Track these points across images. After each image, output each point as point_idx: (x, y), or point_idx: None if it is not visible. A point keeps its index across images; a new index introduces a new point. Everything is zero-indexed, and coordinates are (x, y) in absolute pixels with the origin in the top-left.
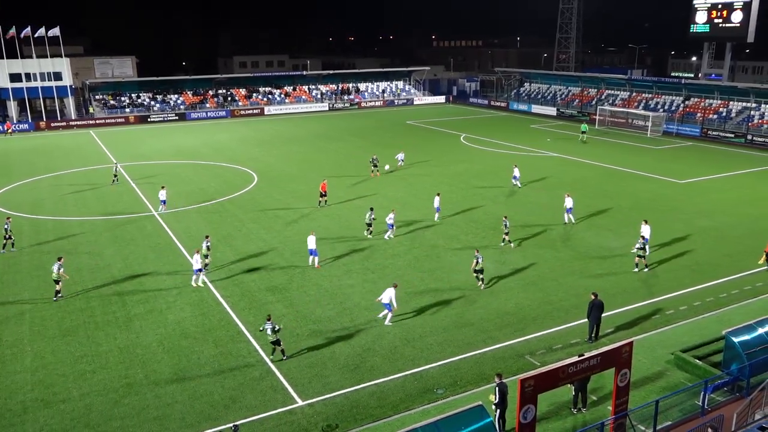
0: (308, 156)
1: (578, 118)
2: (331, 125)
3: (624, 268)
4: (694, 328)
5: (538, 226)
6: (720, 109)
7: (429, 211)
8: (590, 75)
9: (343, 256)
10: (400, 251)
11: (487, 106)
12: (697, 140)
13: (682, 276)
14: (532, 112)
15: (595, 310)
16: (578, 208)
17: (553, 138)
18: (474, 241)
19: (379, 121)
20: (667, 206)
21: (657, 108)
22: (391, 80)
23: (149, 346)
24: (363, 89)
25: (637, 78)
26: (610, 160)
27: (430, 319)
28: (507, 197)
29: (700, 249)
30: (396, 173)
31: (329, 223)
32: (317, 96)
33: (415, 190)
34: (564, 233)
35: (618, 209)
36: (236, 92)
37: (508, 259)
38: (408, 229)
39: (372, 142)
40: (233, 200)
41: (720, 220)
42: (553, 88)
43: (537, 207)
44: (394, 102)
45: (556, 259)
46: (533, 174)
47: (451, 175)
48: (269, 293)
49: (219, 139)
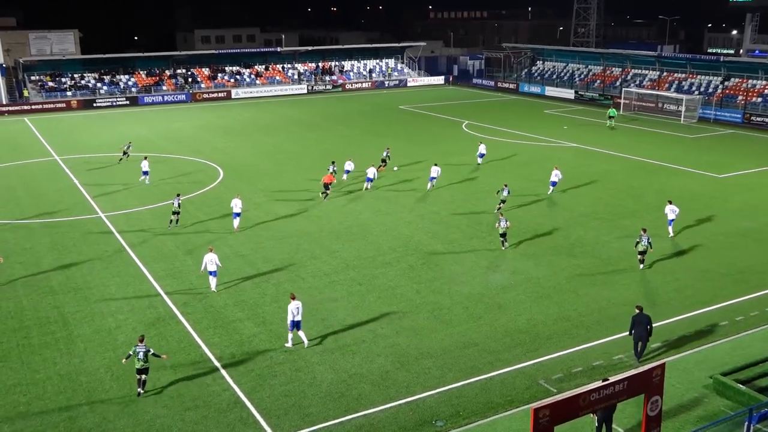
0: (283, 147)
1: (600, 101)
2: (310, 111)
3: (653, 278)
4: (736, 347)
5: (554, 229)
6: (765, 90)
7: (424, 210)
8: (614, 52)
9: (325, 265)
10: (391, 259)
11: (493, 89)
12: (738, 127)
13: (722, 286)
14: (546, 95)
15: (638, 327)
16: (599, 207)
17: (570, 125)
18: (479, 246)
19: (367, 105)
20: (703, 204)
21: (691, 90)
22: (381, 58)
23: (95, 372)
24: (348, 68)
25: (669, 55)
26: (637, 151)
27: (428, 339)
28: (514, 193)
29: (742, 254)
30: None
31: (309, 226)
32: (294, 76)
33: (406, 188)
34: (581, 237)
35: (646, 208)
36: (198, 72)
37: (517, 267)
38: (401, 232)
39: (359, 130)
40: (195, 200)
41: (763, 219)
42: (570, 66)
43: (552, 206)
44: (385, 83)
45: (574, 266)
46: (547, 168)
47: (452, 169)
48: (237, 309)
49: (178, 127)
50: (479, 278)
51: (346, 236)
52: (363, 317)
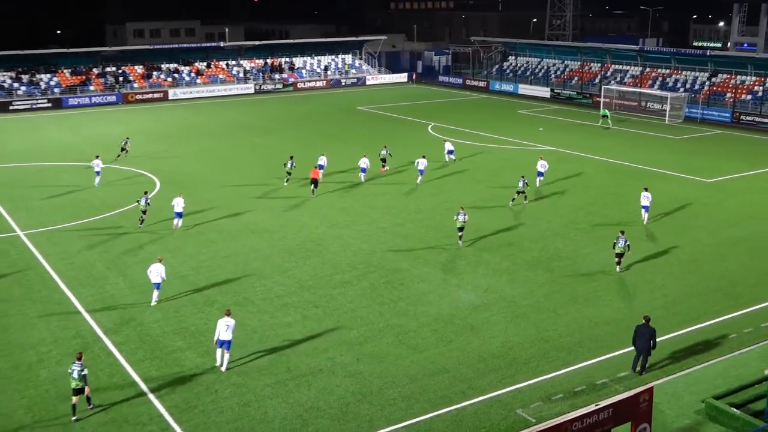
0: (227, 154)
1: (578, 100)
2: (257, 113)
3: (639, 293)
4: (730, 367)
5: (529, 241)
6: (755, 87)
7: (386, 222)
8: (592, 46)
9: (277, 285)
10: (351, 278)
11: (461, 87)
12: (727, 127)
13: (712, 301)
14: (519, 94)
15: (640, 339)
16: (579, 216)
17: (546, 127)
18: (448, 262)
19: (322, 106)
20: (691, 212)
21: (676, 87)
22: (337, 53)
23: (13, 414)
24: (300, 65)
25: (651, 49)
26: (619, 154)
27: (393, 367)
28: (486, 202)
29: (733, 266)
30: (343, 177)
31: (257, 242)
32: (239, 75)
33: (366, 198)
34: (560, 250)
35: (630, 216)
36: (130, 70)
37: (490, 285)
38: (361, 248)
39: (313, 134)
40: (127, 214)
41: (756, 228)
42: (545, 62)
43: (527, 216)
44: (341, 82)
45: (552, 282)
46: (521, 173)
47: (416, 177)
48: (177, 337)
49: (107, 132)
50: (449, 297)
51: (300, 253)
52: (320, 344)
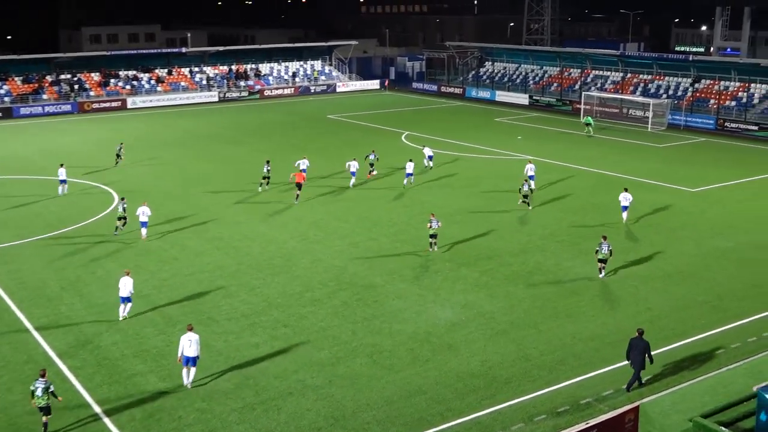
0: (190, 166)
1: (558, 107)
2: (222, 122)
3: (624, 308)
4: (717, 384)
5: (509, 254)
6: (739, 93)
7: (359, 236)
8: (572, 51)
9: (244, 304)
10: (322, 295)
11: (436, 94)
12: (711, 135)
13: (699, 315)
14: (497, 101)
15: (633, 352)
16: (560, 228)
17: (525, 135)
18: (425, 277)
19: (290, 115)
20: (676, 222)
21: (659, 93)
22: (306, 59)
23: None
24: (266, 72)
25: (633, 54)
26: (600, 163)
27: (367, 389)
28: (464, 214)
29: (719, 278)
30: (317, 189)
31: (223, 259)
32: (202, 82)
33: (339, 211)
34: (540, 264)
35: (614, 228)
36: (86, 78)
37: (468, 301)
38: (333, 263)
39: (280, 144)
40: (84, 230)
41: (743, 239)
42: (523, 68)
43: (506, 229)
44: (310, 89)
45: (533, 297)
46: (500, 184)
47: (390, 188)
48: (138, 361)
49: (62, 143)
50: (425, 314)
51: (268, 269)
52: (289, 365)
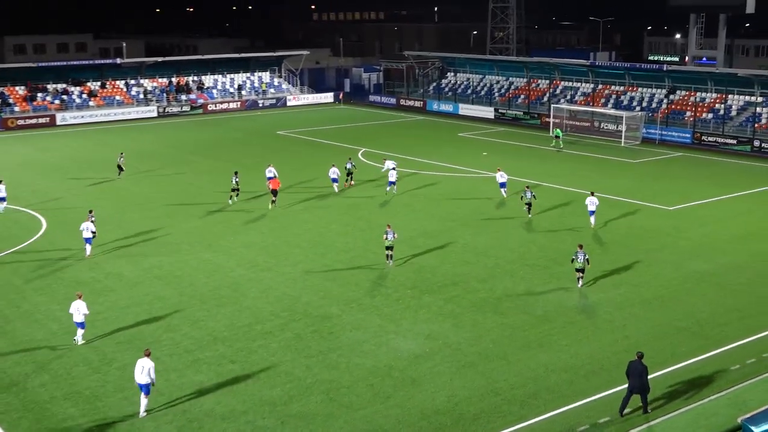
0: (125, 188)
1: (525, 121)
2: (161, 139)
3: (600, 336)
4: (700, 416)
5: (476, 280)
6: (716, 105)
7: (313, 263)
8: (539, 60)
9: (186, 339)
10: (273, 327)
11: (394, 107)
12: (687, 149)
13: (679, 342)
14: (460, 115)
15: (632, 377)
16: (531, 251)
17: (490, 151)
18: (384, 305)
19: (236, 131)
20: (654, 243)
21: (632, 106)
22: (253, 71)
23: None
24: (210, 85)
25: (604, 64)
26: (571, 181)
27: (323, 429)
28: (426, 237)
29: (699, 303)
30: (267, 211)
31: (163, 289)
32: (139, 96)
33: (290, 236)
34: (509, 290)
35: (587, 251)
36: (10, 92)
37: (432, 331)
38: (285, 292)
39: (226, 163)
40: (7, 260)
41: (722, 260)
42: (487, 79)
43: (472, 252)
44: (258, 103)
45: (502, 326)
46: (464, 204)
47: (345, 208)
48: (69, 404)
49: None
50: (386, 346)
51: (214, 300)
52: (237, 405)
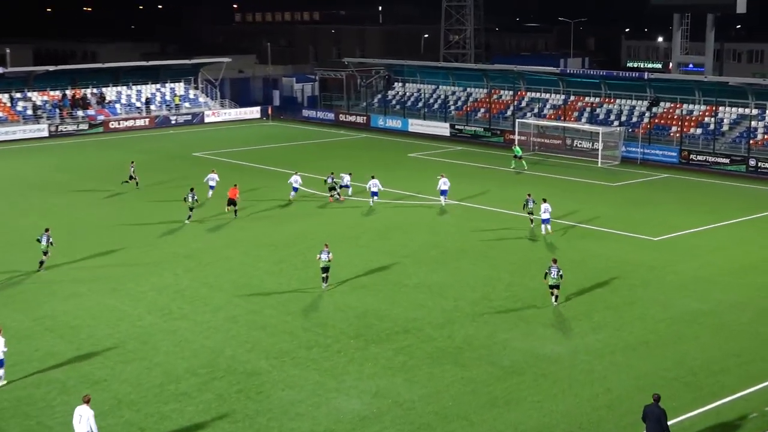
0: (10, 222)
1: (486, 138)
2: (53, 164)
3: (576, 390)
4: None
5: (431, 325)
6: (705, 118)
7: (238, 308)
8: (501, 68)
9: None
10: (190, 387)
11: (333, 123)
12: (674, 170)
13: (669, 395)
14: (410, 132)
15: (649, 422)
16: (495, 291)
17: (447, 174)
18: (322, 358)
19: (144, 153)
20: (637, 279)
21: (609, 120)
22: (164, 81)
23: None
24: (112, 98)
25: (576, 72)
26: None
27: None
28: (372, 276)
29: (691, 348)
30: (178, 248)
31: (56, 344)
32: (26, 112)
33: (210, 276)
34: (471, 337)
35: (560, 287)
36: None
37: (381, 387)
38: (204, 344)
39: (132, 192)
40: None
41: (718, 298)
42: (442, 90)
43: (426, 293)
44: (170, 120)
45: (463, 381)
46: (415, 236)
47: (277, 243)
48: None
49: None
50: (326, 407)
51: (117, 356)
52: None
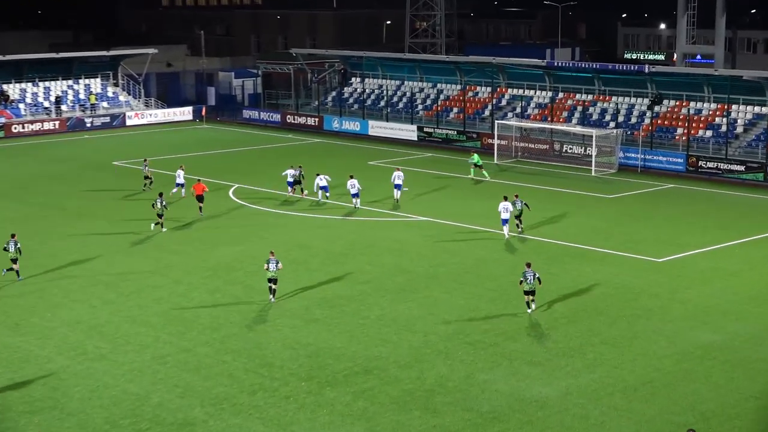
0: None
1: (461, 143)
2: None
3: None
4: None
5: (396, 364)
6: (716, 119)
7: (168, 346)
8: (478, 60)
9: None
10: None
11: (279, 126)
12: (680, 179)
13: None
14: (370, 136)
15: None
16: (472, 323)
17: (413, 185)
18: (269, 405)
19: (53, 163)
20: (636, 308)
21: (604, 121)
22: (77, 77)
23: None
24: (15, 97)
25: (565, 65)
26: (524, 225)
27: None
28: (325, 307)
29: (702, 389)
30: (95, 276)
31: None
32: None
33: (133, 308)
34: (445, 378)
35: (548, 318)
36: None
37: None
38: (127, 389)
39: (42, 207)
40: None
41: (733, 329)
42: (408, 86)
43: (390, 325)
44: (85, 122)
45: (435, 429)
46: (376, 258)
47: (214, 268)
48: None
49: None
50: None
51: (22, 405)
52: None
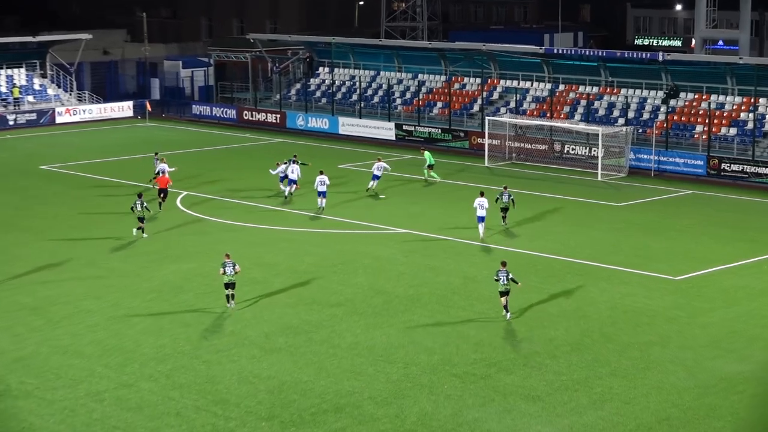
0: None
1: (446, 142)
2: None
3: None
4: None
5: (372, 401)
6: (740, 114)
7: (107, 383)
8: (465, 47)
9: None
10: None
11: (234, 124)
12: (699, 184)
13: None
14: (340, 135)
15: None
16: (460, 352)
17: (390, 192)
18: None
19: None
20: (650, 334)
21: (612, 117)
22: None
23: None
24: None
25: (566, 52)
26: (521, 239)
27: None
28: (290, 336)
29: (729, 426)
30: (20, 297)
31: None
32: None
33: (64, 336)
34: (428, 415)
35: (548, 346)
36: None
37: None
38: (57, 429)
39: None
40: None
41: (761, 358)
42: (384, 77)
43: (365, 355)
44: (7, 120)
45: None
46: (350, 278)
47: (159, 288)
48: None
49: None
50: None
51: None
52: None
